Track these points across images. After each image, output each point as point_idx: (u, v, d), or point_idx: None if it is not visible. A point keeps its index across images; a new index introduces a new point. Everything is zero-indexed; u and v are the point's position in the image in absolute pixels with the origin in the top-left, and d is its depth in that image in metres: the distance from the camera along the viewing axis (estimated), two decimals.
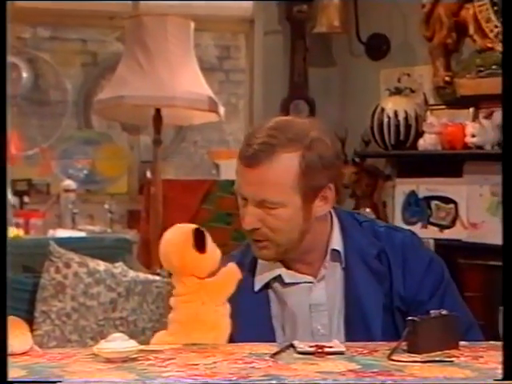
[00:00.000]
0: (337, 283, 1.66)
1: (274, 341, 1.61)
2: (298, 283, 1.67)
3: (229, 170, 4.21)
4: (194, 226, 1.54)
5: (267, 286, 1.69)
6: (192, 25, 3.45)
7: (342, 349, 1.42)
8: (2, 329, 1.29)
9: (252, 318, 1.61)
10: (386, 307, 1.64)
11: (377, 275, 1.65)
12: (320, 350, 1.39)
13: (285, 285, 1.67)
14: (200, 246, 1.52)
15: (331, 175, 1.64)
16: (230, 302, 1.54)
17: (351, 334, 1.62)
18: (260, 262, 1.70)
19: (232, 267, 1.56)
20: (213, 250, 1.55)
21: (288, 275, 1.67)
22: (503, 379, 1.25)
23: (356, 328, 1.62)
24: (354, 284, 1.64)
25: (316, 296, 1.66)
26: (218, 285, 1.54)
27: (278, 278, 1.68)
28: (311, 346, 1.41)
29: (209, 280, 1.54)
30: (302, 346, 1.43)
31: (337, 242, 1.68)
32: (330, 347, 1.41)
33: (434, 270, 1.70)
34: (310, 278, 1.67)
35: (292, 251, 1.65)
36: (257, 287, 1.69)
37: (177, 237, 1.54)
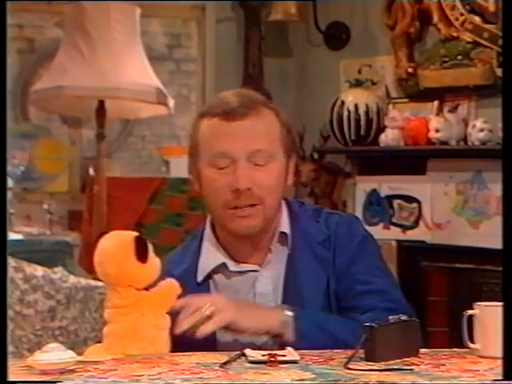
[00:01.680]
0: (281, 269, 1.70)
1: (215, 336, 1.62)
2: (242, 272, 1.70)
3: (179, 167, 4.19)
4: (134, 233, 1.54)
5: (209, 277, 1.70)
6: (138, 11, 3.44)
7: (296, 357, 1.43)
8: (2, 330, 1.30)
9: None
10: (326, 294, 1.67)
11: (321, 261, 1.69)
12: (272, 359, 1.40)
13: (229, 274, 1.69)
14: (141, 254, 1.52)
15: (293, 145, 1.73)
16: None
17: None
18: (204, 251, 1.72)
19: (171, 282, 1.56)
20: (153, 260, 1.55)
21: (233, 264, 1.70)
22: (503, 379, 1.29)
23: None
24: (296, 270, 1.68)
25: (261, 285, 1.69)
26: (158, 297, 1.54)
27: (222, 268, 1.70)
28: (263, 355, 1.42)
29: (148, 292, 1.54)
30: (253, 354, 1.43)
31: (285, 225, 1.72)
32: (283, 355, 1.42)
33: (367, 245, 1.75)
34: (255, 267, 1.70)
35: (269, 226, 1.68)
36: (199, 277, 1.70)
37: (115, 245, 1.54)
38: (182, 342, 1.54)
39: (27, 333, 3.22)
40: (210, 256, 1.71)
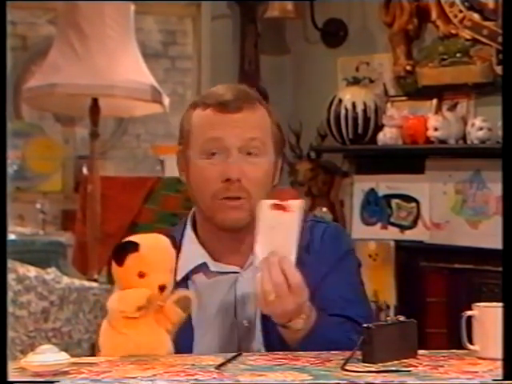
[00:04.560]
0: None
1: (192, 338, 1.64)
2: (223, 273, 1.69)
3: (175, 166, 4.19)
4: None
5: (188, 276, 1.69)
6: (132, 7, 3.44)
7: None
8: (2, 329, 1.30)
9: None
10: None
11: (303, 266, 1.64)
12: None
13: (209, 274, 1.69)
14: (119, 258, 1.51)
15: (283, 144, 1.77)
16: None
17: (268, 325, 1.62)
18: (184, 250, 1.70)
19: (188, 295, 1.54)
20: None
21: (213, 263, 1.70)
22: (503, 379, 1.29)
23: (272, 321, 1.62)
24: None
25: (242, 287, 1.68)
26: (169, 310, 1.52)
27: (202, 268, 1.70)
28: None
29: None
30: None
31: None
32: None
33: (348, 262, 1.74)
34: (236, 268, 1.70)
35: (252, 224, 1.65)
36: (178, 276, 1.67)
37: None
38: None
39: (20, 334, 3.22)
40: (190, 255, 1.70)
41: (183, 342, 1.55)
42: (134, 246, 1.49)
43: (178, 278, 1.68)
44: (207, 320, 1.67)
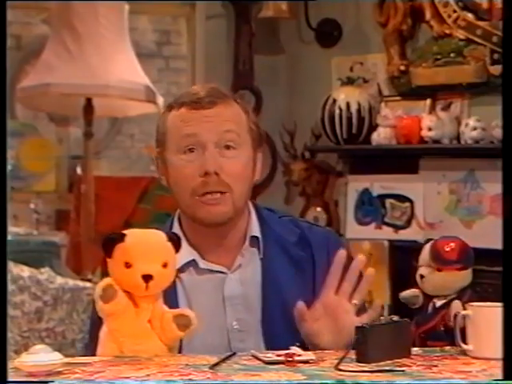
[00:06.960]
0: (254, 274, 1.69)
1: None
2: (211, 271, 1.68)
3: None
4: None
5: (176, 276, 1.64)
6: (126, 7, 3.44)
7: (312, 357, 1.43)
8: (2, 330, 1.30)
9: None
10: (309, 297, 1.64)
11: (298, 263, 1.69)
12: (290, 359, 1.41)
13: (198, 272, 1.68)
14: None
15: (261, 140, 1.75)
16: None
17: (270, 327, 1.64)
18: None
19: (189, 314, 1.52)
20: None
21: (202, 261, 1.69)
22: (503, 379, 1.29)
23: (275, 320, 1.64)
24: (272, 274, 1.68)
25: (230, 288, 1.68)
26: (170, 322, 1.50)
27: (191, 265, 1.69)
28: (279, 355, 1.42)
29: (167, 310, 1.51)
30: (269, 355, 1.44)
31: (255, 229, 1.72)
32: (299, 355, 1.43)
33: None
34: (224, 269, 1.69)
35: (238, 217, 1.68)
36: None
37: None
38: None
39: (14, 334, 3.21)
40: (179, 253, 1.67)
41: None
42: (120, 237, 1.49)
43: None
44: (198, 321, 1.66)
